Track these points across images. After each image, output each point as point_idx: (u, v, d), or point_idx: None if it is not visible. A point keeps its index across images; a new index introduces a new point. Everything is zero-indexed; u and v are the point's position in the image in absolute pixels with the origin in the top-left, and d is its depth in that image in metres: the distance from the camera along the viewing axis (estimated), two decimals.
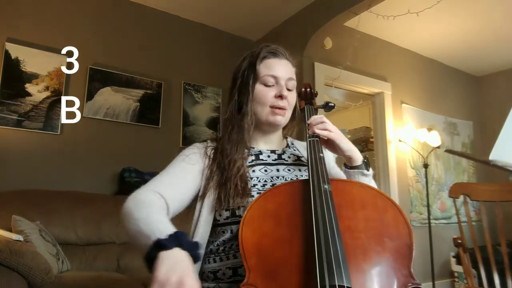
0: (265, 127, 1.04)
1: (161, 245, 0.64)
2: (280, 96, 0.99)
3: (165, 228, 0.71)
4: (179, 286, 0.58)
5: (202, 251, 0.67)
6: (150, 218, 0.75)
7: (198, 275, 0.94)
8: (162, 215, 0.78)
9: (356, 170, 0.97)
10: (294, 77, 1.04)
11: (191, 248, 0.66)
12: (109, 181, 2.90)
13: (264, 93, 1.00)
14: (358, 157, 0.97)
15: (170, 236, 0.66)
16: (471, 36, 3.84)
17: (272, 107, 1.00)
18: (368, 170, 0.98)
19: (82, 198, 2.54)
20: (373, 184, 0.99)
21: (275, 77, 1.00)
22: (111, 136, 2.97)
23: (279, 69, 1.01)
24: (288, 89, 1.02)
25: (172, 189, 0.90)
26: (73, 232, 2.37)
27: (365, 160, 0.99)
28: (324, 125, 0.97)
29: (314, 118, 1.00)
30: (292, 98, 1.03)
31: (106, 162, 2.90)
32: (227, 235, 0.93)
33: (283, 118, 1.01)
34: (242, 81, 1.02)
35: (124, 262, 2.46)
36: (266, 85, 1.00)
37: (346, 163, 1.00)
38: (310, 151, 0.92)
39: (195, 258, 0.66)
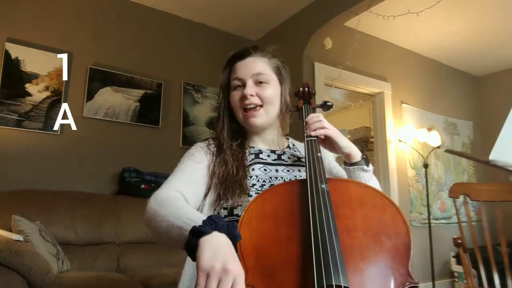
0: (249, 129, 1.05)
1: (199, 231, 0.63)
2: (244, 97, 0.99)
3: (197, 216, 0.70)
4: (223, 273, 0.57)
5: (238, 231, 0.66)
6: (179, 212, 0.75)
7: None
8: (189, 208, 0.78)
9: (356, 167, 0.97)
10: (265, 70, 1.02)
11: (229, 230, 0.65)
12: (109, 181, 2.90)
13: (234, 98, 1.02)
14: (356, 153, 0.98)
15: (206, 221, 0.65)
16: (471, 36, 3.84)
17: (243, 109, 1.01)
18: (368, 165, 0.98)
19: (82, 198, 2.54)
20: (374, 179, 1.00)
21: (239, 79, 1.01)
22: (111, 136, 2.97)
23: (242, 70, 1.02)
24: (260, 82, 1.00)
25: (188, 186, 0.91)
26: (73, 232, 2.37)
27: (364, 156, 0.99)
28: (321, 123, 0.97)
29: (312, 117, 1.00)
30: (266, 92, 1.00)
31: (106, 162, 2.90)
32: None
33: (257, 119, 1.00)
34: (219, 94, 1.08)
35: (124, 262, 2.46)
36: (235, 90, 1.02)
37: (346, 161, 1.00)
38: (307, 151, 0.92)
39: (234, 239, 0.65)
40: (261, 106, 1.00)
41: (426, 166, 3.76)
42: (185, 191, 0.88)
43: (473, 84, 4.88)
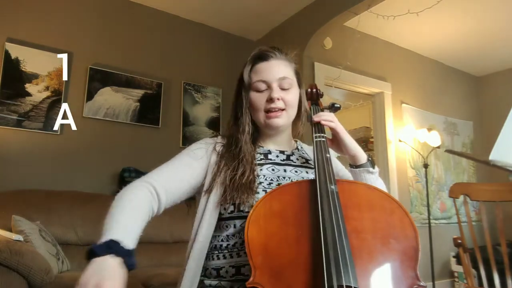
0: (268, 131, 1.05)
1: (93, 252, 0.66)
2: (271, 100, 0.99)
3: (115, 232, 0.72)
4: None
5: (134, 260, 0.70)
6: (115, 216, 0.78)
7: (201, 271, 0.93)
8: (128, 216, 0.80)
9: (362, 169, 0.97)
10: (289, 75, 1.03)
11: (124, 256, 0.68)
12: (109, 181, 2.89)
13: (257, 99, 1.01)
14: (362, 155, 0.98)
15: (103, 244, 0.68)
16: (471, 36, 3.84)
17: (266, 111, 1.00)
18: (373, 167, 0.98)
19: (82, 198, 2.53)
20: (380, 181, 0.99)
21: (264, 82, 1.00)
22: (111, 136, 2.97)
23: (268, 72, 1.01)
24: (284, 89, 1.01)
25: (168, 181, 0.92)
26: (73, 232, 2.36)
27: (370, 158, 0.99)
28: (331, 118, 0.98)
29: (324, 113, 1.00)
30: (289, 96, 1.01)
31: (106, 162, 2.90)
32: (231, 229, 0.93)
33: (280, 120, 1.00)
34: (237, 93, 1.06)
35: None
36: (258, 91, 1.01)
37: (351, 163, 1.00)
38: (316, 151, 0.91)
39: (128, 265, 0.68)
40: (283, 109, 1.01)
41: (426, 166, 3.76)
42: (161, 185, 0.90)
43: (473, 84, 4.88)
